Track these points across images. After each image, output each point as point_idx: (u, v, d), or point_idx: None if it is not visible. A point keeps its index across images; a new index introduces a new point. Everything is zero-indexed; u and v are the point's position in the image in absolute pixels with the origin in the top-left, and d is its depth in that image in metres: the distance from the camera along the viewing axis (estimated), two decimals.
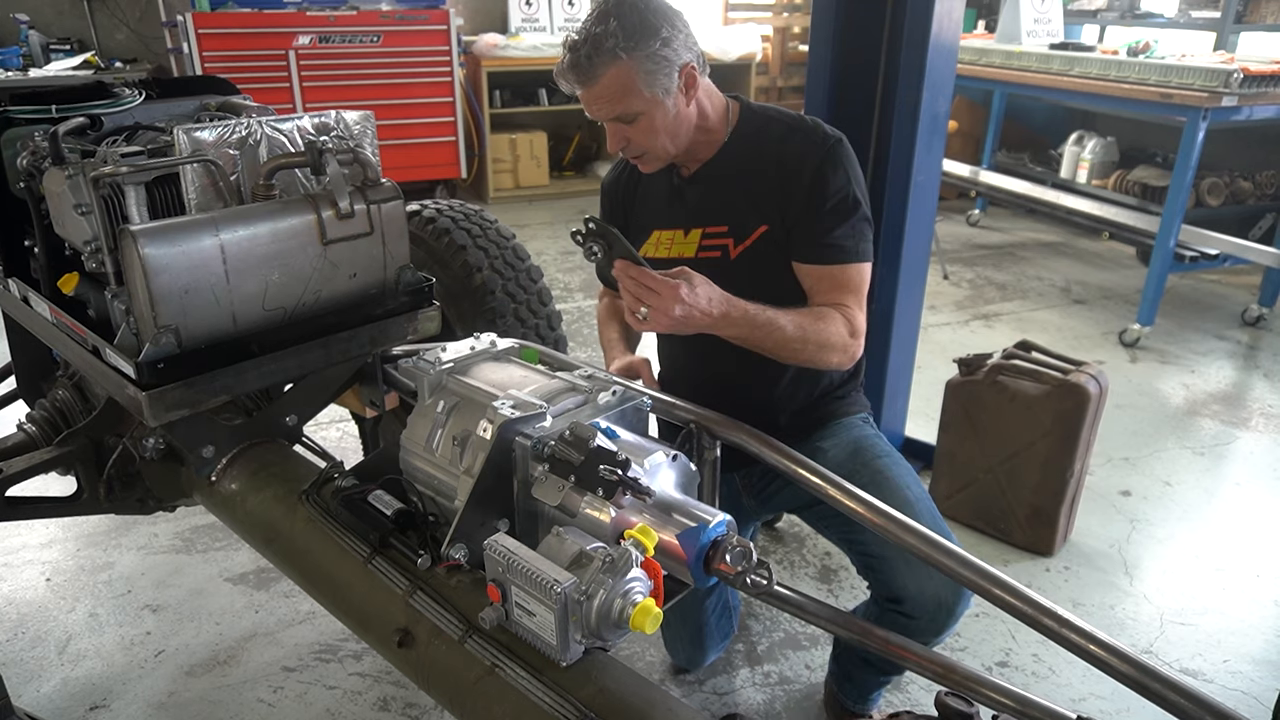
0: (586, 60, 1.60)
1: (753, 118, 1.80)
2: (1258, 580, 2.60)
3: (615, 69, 1.60)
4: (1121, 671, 1.14)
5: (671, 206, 1.86)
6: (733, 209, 1.77)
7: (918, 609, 1.60)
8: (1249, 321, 4.57)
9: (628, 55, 1.60)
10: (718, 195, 1.79)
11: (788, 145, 1.74)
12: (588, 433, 1.21)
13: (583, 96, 1.67)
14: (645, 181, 1.90)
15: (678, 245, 1.83)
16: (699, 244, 1.80)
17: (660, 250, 1.85)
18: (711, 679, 2.22)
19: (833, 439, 1.83)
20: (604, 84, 1.62)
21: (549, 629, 1.06)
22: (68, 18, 6.39)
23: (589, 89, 1.64)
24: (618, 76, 1.61)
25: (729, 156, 1.79)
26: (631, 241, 1.87)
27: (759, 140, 1.77)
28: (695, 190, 1.82)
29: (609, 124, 1.70)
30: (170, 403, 1.44)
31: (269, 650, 2.31)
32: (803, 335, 1.64)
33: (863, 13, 2.55)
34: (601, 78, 1.62)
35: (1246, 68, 3.90)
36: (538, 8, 6.87)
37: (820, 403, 1.87)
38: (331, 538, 1.43)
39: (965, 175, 5.83)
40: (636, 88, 1.62)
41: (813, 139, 1.73)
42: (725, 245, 1.78)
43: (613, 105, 1.65)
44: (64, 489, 1.93)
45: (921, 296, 2.91)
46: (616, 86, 1.62)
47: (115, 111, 1.82)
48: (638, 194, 1.93)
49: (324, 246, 1.57)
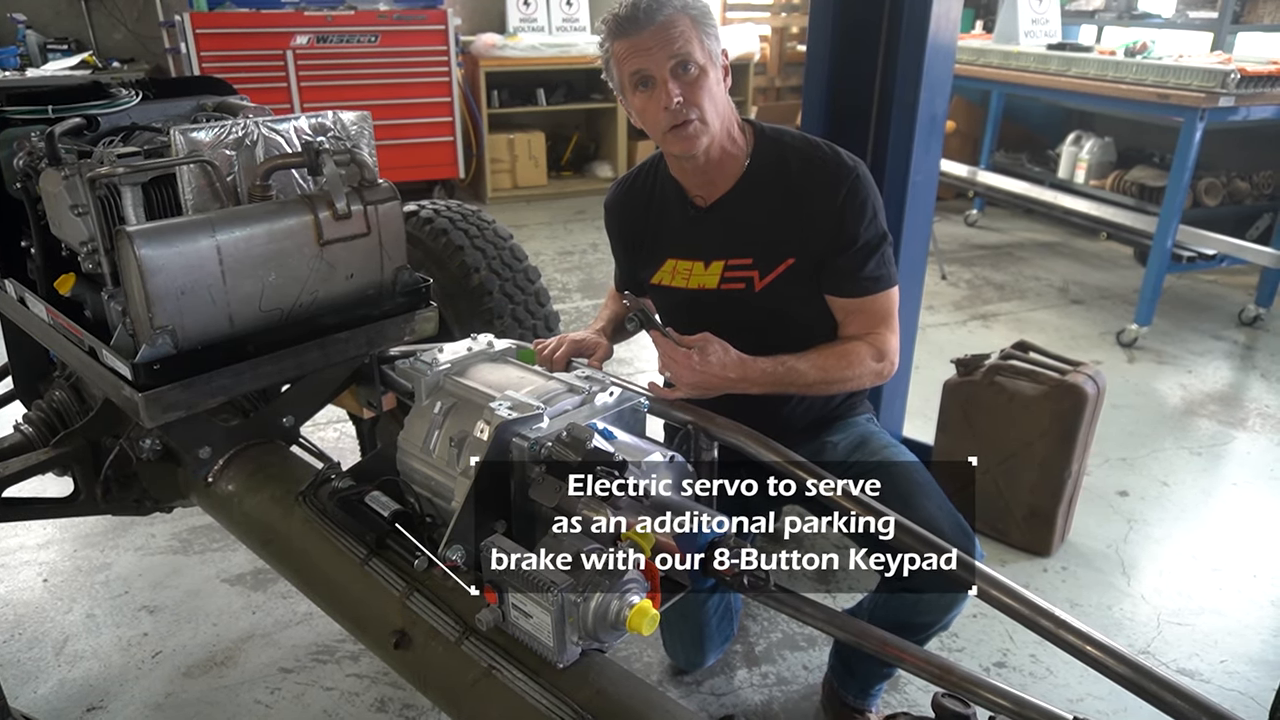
0: (655, 4, 1.59)
1: (770, 146, 1.78)
2: (1255, 580, 2.60)
3: (677, 13, 1.60)
4: (1118, 672, 1.14)
5: (688, 236, 1.82)
6: (757, 241, 1.75)
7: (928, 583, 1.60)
8: (1246, 321, 4.57)
9: (688, 11, 1.61)
10: (740, 225, 1.77)
11: (809, 179, 1.72)
12: (585, 434, 1.21)
13: (638, 42, 1.60)
14: (657, 206, 1.87)
15: (697, 276, 1.80)
16: (721, 275, 1.78)
17: (678, 280, 1.82)
18: (709, 680, 2.22)
19: (840, 434, 1.88)
20: (667, 22, 1.59)
21: (546, 631, 1.06)
22: (65, 17, 6.38)
23: (650, 28, 1.59)
24: (679, 19, 1.60)
25: (749, 188, 1.76)
26: (646, 267, 1.91)
27: (779, 172, 1.75)
28: (715, 221, 1.79)
29: (663, 77, 1.61)
30: (167, 404, 1.44)
31: (266, 651, 2.30)
32: (826, 378, 1.68)
33: (860, 13, 2.55)
34: (665, 16, 1.59)
35: (1243, 68, 3.90)
36: (536, 8, 6.86)
37: (829, 407, 1.90)
38: (328, 539, 1.43)
39: (963, 175, 5.83)
40: (698, 35, 1.61)
41: (833, 172, 1.71)
42: (750, 278, 1.76)
43: (673, 44, 1.59)
44: (61, 490, 1.93)
45: (919, 297, 2.91)
46: (679, 26, 1.60)
47: (112, 112, 1.82)
48: (650, 215, 1.89)
49: (321, 247, 1.57)
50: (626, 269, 1.99)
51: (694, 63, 1.60)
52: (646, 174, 1.90)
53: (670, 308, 1.89)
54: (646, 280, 1.89)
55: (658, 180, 1.86)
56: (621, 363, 4.01)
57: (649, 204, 1.88)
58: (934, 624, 1.70)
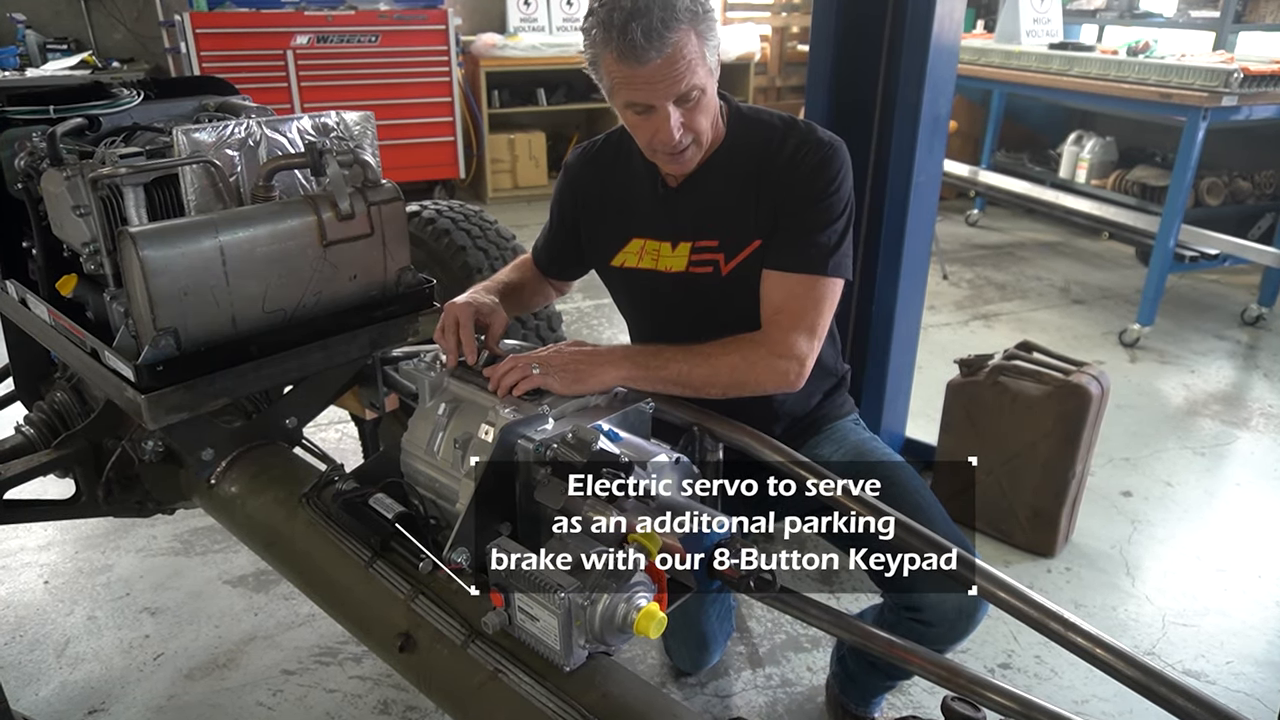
0: (661, 25, 1.39)
1: (743, 121, 1.66)
2: (1260, 581, 2.60)
3: (684, 36, 1.42)
4: (1124, 674, 1.14)
5: (656, 216, 1.70)
6: (724, 223, 1.63)
7: (937, 617, 1.55)
8: (1248, 321, 4.56)
9: (694, 22, 1.44)
10: (709, 207, 1.65)
11: (782, 150, 1.60)
12: (590, 435, 1.20)
13: (642, 74, 1.43)
14: (622, 181, 1.73)
15: (665, 259, 1.68)
16: (689, 258, 1.66)
17: (645, 262, 1.70)
18: (713, 682, 2.21)
19: (831, 445, 1.78)
20: (674, 52, 1.42)
21: (552, 634, 1.05)
22: (65, 17, 6.37)
23: (655, 62, 1.41)
24: (686, 41, 1.43)
25: (720, 165, 1.64)
26: (607, 247, 1.75)
27: (751, 148, 1.63)
28: (684, 200, 1.66)
29: (665, 110, 1.47)
30: (169, 405, 1.44)
31: (269, 653, 2.30)
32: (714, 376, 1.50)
33: (863, 13, 2.55)
34: (673, 45, 1.41)
35: (1246, 67, 3.90)
36: (536, 7, 6.86)
37: (812, 407, 1.81)
38: (332, 541, 1.42)
39: (964, 175, 5.83)
40: (702, 55, 1.46)
41: (809, 141, 1.59)
42: (716, 261, 1.64)
43: (680, 80, 1.44)
44: (62, 491, 1.92)
45: (922, 297, 2.91)
46: (686, 54, 1.43)
47: (113, 112, 1.81)
48: (615, 191, 1.75)
49: (324, 248, 1.56)
50: (560, 242, 1.83)
51: (698, 89, 1.47)
52: (615, 143, 1.75)
53: (632, 292, 1.79)
54: (605, 261, 1.76)
55: (628, 152, 1.69)
56: None
57: (615, 176, 1.74)
58: (940, 650, 1.67)
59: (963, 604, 1.55)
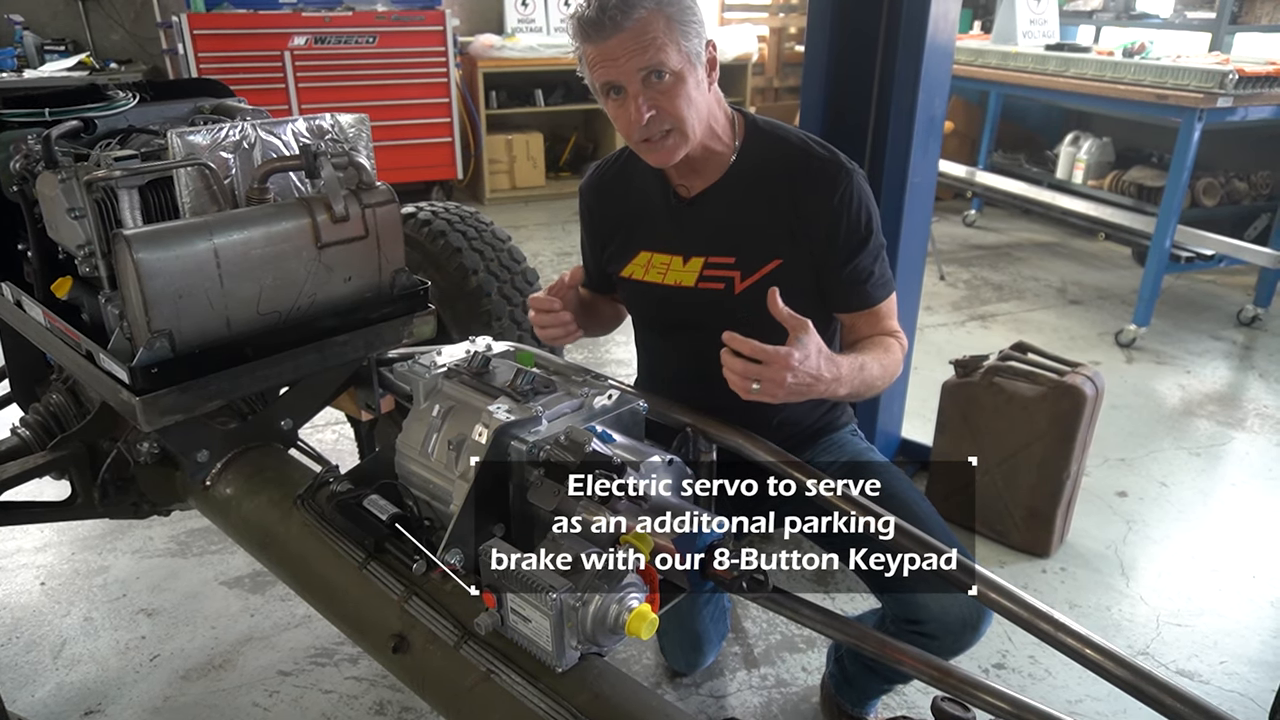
0: (624, 3, 1.43)
1: (761, 138, 1.66)
2: (1254, 581, 2.60)
3: (650, 13, 1.44)
4: (1117, 675, 1.14)
5: (668, 229, 1.70)
6: (742, 240, 1.64)
7: (940, 629, 1.54)
8: (1244, 322, 4.57)
9: (663, 6, 1.45)
10: (725, 223, 1.65)
11: (804, 177, 1.61)
12: (583, 437, 1.21)
13: (606, 50, 1.46)
14: (637, 194, 1.75)
15: (674, 272, 1.68)
16: (700, 274, 1.66)
17: (652, 275, 1.71)
18: (708, 682, 2.22)
19: (827, 455, 1.79)
20: (638, 27, 1.43)
21: (544, 635, 1.06)
22: (62, 19, 6.37)
23: (618, 34, 1.44)
24: (653, 21, 1.44)
25: (737, 180, 1.65)
26: (618, 258, 1.76)
27: (770, 167, 1.64)
28: (698, 214, 1.67)
29: (634, 90, 1.48)
30: (164, 407, 1.44)
31: (264, 654, 2.30)
32: (885, 373, 1.60)
33: (859, 14, 2.55)
34: (636, 20, 1.43)
35: (1241, 69, 3.91)
36: (534, 8, 6.86)
37: (814, 419, 1.81)
38: (326, 543, 1.43)
39: (961, 176, 5.83)
40: (673, 38, 1.46)
41: (831, 172, 1.61)
42: (731, 278, 1.64)
43: (644, 54, 1.44)
44: (58, 493, 1.92)
45: (918, 298, 2.92)
46: (651, 32, 1.44)
47: (109, 114, 1.81)
48: (628, 205, 1.77)
49: (319, 250, 1.56)
50: (595, 262, 1.86)
51: (668, 70, 1.47)
52: (627, 159, 1.77)
53: (638, 306, 1.80)
54: (615, 274, 1.78)
55: (639, 165, 1.71)
56: (619, 364, 4.01)
57: (628, 191, 1.76)
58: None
59: (966, 615, 1.53)
